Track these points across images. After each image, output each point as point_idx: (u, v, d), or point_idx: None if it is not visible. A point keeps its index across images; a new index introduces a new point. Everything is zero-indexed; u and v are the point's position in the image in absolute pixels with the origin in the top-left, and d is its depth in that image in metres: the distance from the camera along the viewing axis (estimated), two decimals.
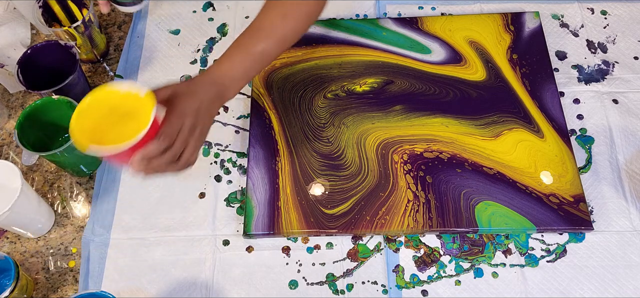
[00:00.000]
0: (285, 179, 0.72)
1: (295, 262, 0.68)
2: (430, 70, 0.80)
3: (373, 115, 0.76)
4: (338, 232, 0.68)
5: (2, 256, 0.63)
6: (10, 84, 0.82)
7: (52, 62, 0.75)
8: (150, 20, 0.89)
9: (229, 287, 0.67)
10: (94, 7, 0.82)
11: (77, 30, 0.78)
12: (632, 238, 0.68)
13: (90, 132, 0.54)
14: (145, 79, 0.83)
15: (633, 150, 0.74)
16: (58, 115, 0.72)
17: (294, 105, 0.78)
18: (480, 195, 0.69)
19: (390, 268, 0.67)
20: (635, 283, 0.65)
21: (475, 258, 0.67)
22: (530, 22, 0.83)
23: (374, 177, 0.71)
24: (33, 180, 0.76)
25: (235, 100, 0.80)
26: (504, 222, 0.68)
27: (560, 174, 0.70)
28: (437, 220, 0.68)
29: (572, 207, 0.68)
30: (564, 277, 0.66)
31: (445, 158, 0.72)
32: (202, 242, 0.70)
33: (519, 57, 0.80)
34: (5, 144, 0.79)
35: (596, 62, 0.81)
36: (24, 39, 0.85)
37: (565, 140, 0.73)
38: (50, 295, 0.68)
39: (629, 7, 0.86)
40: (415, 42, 0.82)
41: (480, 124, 0.75)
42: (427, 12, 0.87)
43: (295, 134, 0.75)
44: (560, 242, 0.68)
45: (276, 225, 0.69)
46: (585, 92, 0.79)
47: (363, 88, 0.79)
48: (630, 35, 0.83)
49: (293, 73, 0.80)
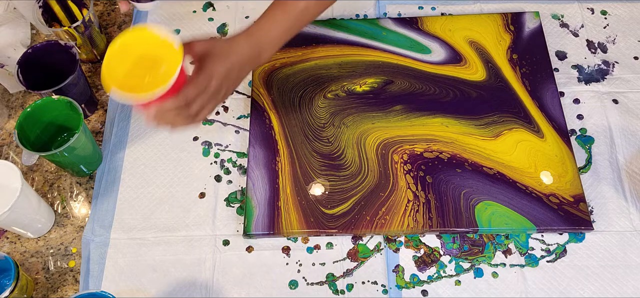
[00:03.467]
0: (285, 179, 0.72)
1: (295, 262, 0.68)
2: (430, 70, 0.80)
3: (373, 115, 0.76)
4: (338, 232, 0.68)
5: (2, 256, 0.63)
6: (10, 84, 0.82)
7: (52, 62, 0.75)
8: (150, 20, 0.89)
9: (229, 287, 0.67)
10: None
11: (77, 30, 0.78)
12: (632, 238, 0.68)
13: (120, 75, 0.55)
14: None
15: (633, 150, 0.74)
16: (58, 115, 0.72)
17: (294, 105, 0.78)
18: (480, 195, 0.69)
19: (390, 268, 0.67)
20: (635, 283, 0.65)
21: (475, 258, 0.67)
22: (530, 22, 0.83)
23: (374, 177, 0.71)
24: (33, 180, 0.76)
25: (235, 100, 0.80)
26: (504, 222, 0.68)
27: (560, 174, 0.70)
28: (437, 220, 0.68)
29: (572, 207, 0.68)
30: (564, 277, 0.66)
31: (445, 158, 0.72)
32: (202, 242, 0.70)
33: (519, 57, 0.80)
34: (5, 144, 0.79)
35: (596, 62, 0.81)
36: (24, 39, 0.85)
37: (565, 140, 0.73)
38: (50, 295, 0.68)
39: (629, 7, 0.86)
40: (415, 42, 0.82)
41: (480, 124, 0.75)
42: (427, 12, 0.87)
43: (295, 134, 0.75)
44: (560, 242, 0.68)
45: (276, 225, 0.69)
46: (585, 92, 0.79)
47: (363, 88, 0.79)
48: (630, 35, 0.83)
49: (293, 73, 0.80)
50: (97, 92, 0.83)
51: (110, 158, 0.76)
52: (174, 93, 0.55)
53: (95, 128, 0.80)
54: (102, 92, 0.83)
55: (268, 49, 0.63)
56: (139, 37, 0.57)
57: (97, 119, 0.81)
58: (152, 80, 0.54)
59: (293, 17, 0.62)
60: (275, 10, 0.62)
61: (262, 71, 0.80)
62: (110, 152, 0.77)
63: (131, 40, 0.57)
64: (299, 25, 0.64)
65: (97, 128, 0.80)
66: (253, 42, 0.61)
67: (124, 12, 0.82)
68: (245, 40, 0.61)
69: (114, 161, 0.76)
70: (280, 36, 0.63)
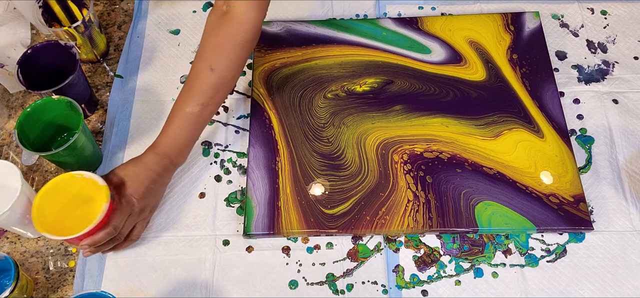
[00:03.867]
0: (285, 179, 0.72)
1: (295, 262, 0.68)
2: (430, 70, 0.80)
3: (373, 115, 0.76)
4: (338, 232, 0.68)
5: (2, 256, 0.63)
6: (10, 84, 0.82)
7: (52, 62, 0.75)
8: (150, 20, 0.89)
9: (229, 287, 0.67)
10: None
11: (77, 30, 0.78)
12: (632, 238, 0.68)
13: (51, 214, 0.63)
14: (145, 79, 0.83)
15: (633, 150, 0.74)
16: (58, 115, 0.72)
17: (294, 105, 0.78)
18: (480, 195, 0.69)
19: (390, 268, 0.67)
20: (635, 283, 0.65)
21: (475, 258, 0.67)
22: (530, 22, 0.83)
23: (374, 177, 0.71)
24: (33, 180, 0.76)
25: (235, 100, 0.80)
26: (504, 222, 0.68)
27: (560, 174, 0.70)
28: (437, 220, 0.68)
29: (572, 207, 0.68)
30: (564, 277, 0.66)
31: (445, 158, 0.72)
32: (202, 242, 0.70)
33: (519, 57, 0.80)
34: (5, 144, 0.79)
35: (596, 62, 0.81)
36: (24, 39, 0.85)
37: (565, 140, 0.73)
38: (50, 295, 0.68)
39: (629, 7, 0.86)
40: (415, 42, 0.82)
41: (480, 124, 0.75)
42: (427, 12, 0.87)
43: (295, 134, 0.75)
44: (560, 242, 0.68)
45: (276, 225, 0.69)
46: (585, 92, 0.79)
47: (363, 88, 0.79)
48: (630, 35, 0.83)
49: (293, 73, 0.80)
50: (97, 92, 0.83)
51: (110, 158, 0.76)
52: (105, 221, 0.62)
53: (95, 128, 0.80)
54: (102, 92, 0.83)
55: (179, 156, 0.67)
56: (68, 180, 0.65)
57: (97, 119, 0.81)
58: (85, 214, 0.63)
59: (192, 121, 0.66)
60: (174, 118, 0.66)
61: (262, 71, 0.80)
62: (110, 152, 0.77)
63: (61, 183, 0.65)
64: (202, 126, 0.68)
65: (97, 128, 0.80)
66: (161, 156, 0.65)
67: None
68: (154, 157, 0.65)
69: (114, 161, 0.76)
70: (187, 143, 0.67)
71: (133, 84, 0.83)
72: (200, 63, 0.65)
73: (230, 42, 0.65)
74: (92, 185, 0.64)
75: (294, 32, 0.84)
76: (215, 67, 0.65)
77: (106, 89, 0.83)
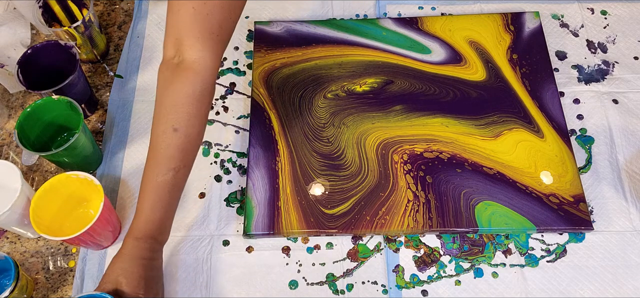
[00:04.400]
0: (285, 179, 0.72)
1: (295, 262, 0.68)
2: (430, 70, 0.80)
3: (373, 115, 0.76)
4: (338, 232, 0.68)
5: (2, 256, 0.63)
6: (10, 84, 0.82)
7: (52, 62, 0.75)
8: (150, 20, 0.89)
9: (229, 287, 0.67)
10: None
11: (77, 30, 0.78)
12: (632, 238, 0.68)
13: (49, 217, 0.65)
14: (145, 79, 0.83)
15: (633, 150, 0.73)
16: (58, 115, 0.72)
17: (294, 105, 0.78)
18: (480, 195, 0.69)
19: (390, 268, 0.67)
20: (635, 283, 0.65)
21: (475, 258, 0.67)
22: (530, 22, 0.83)
23: (374, 177, 0.71)
24: (33, 180, 0.76)
25: (235, 100, 0.80)
26: (504, 222, 0.68)
27: (560, 174, 0.70)
28: (437, 220, 0.68)
29: (572, 207, 0.68)
30: (564, 277, 0.66)
31: (445, 158, 0.72)
32: (202, 242, 0.70)
33: (519, 57, 0.80)
34: (5, 144, 0.79)
35: (596, 62, 0.81)
36: (24, 39, 0.85)
37: (565, 140, 0.73)
38: (50, 295, 0.68)
39: (629, 7, 0.86)
40: (415, 42, 0.82)
41: (480, 124, 0.75)
42: (427, 12, 0.87)
43: (295, 134, 0.75)
44: (560, 242, 0.68)
45: (276, 225, 0.69)
46: (585, 92, 0.79)
47: (363, 88, 0.79)
48: (630, 35, 0.83)
49: (293, 73, 0.80)
50: (97, 92, 0.83)
51: (110, 159, 0.76)
52: (102, 221, 0.63)
53: (95, 128, 0.80)
54: (102, 92, 0.83)
55: (162, 233, 0.61)
56: (64, 180, 0.66)
57: (97, 119, 0.81)
58: (82, 214, 0.67)
59: (165, 191, 0.59)
60: (145, 193, 0.59)
61: (262, 71, 0.80)
62: (110, 152, 0.77)
63: (57, 184, 0.65)
64: (178, 191, 0.61)
65: (97, 128, 0.80)
66: (143, 240, 0.59)
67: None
68: (136, 244, 0.59)
69: (114, 161, 0.76)
70: (166, 216, 0.61)
71: (133, 84, 0.83)
72: (161, 125, 0.58)
73: (188, 95, 0.58)
74: (88, 185, 0.65)
75: (294, 32, 0.84)
76: (178, 126, 0.58)
77: (106, 89, 0.83)
